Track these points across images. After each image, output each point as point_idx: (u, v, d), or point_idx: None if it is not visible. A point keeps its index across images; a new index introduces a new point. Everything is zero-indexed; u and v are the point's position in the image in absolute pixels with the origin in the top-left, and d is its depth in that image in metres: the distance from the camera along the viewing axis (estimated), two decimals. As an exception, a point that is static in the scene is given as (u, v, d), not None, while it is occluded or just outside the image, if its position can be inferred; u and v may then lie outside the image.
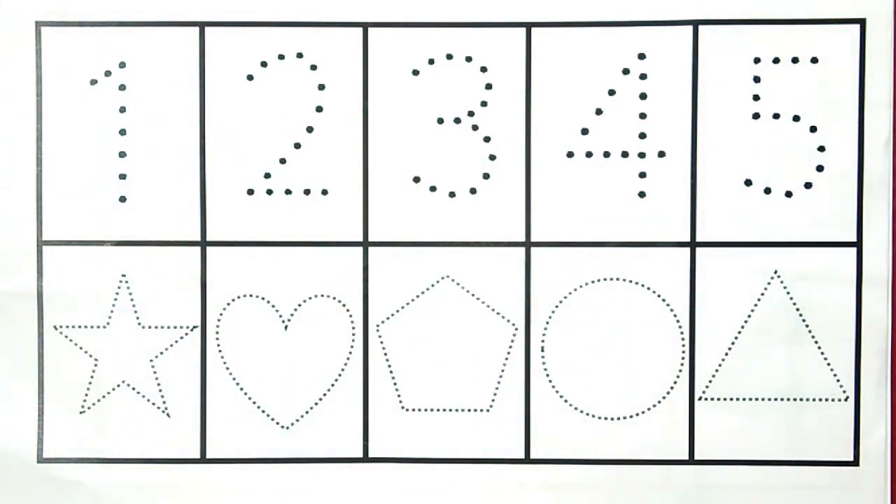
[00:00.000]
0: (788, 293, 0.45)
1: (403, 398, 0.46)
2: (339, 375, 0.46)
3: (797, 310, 0.45)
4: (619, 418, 0.46)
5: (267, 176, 0.46)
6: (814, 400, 0.45)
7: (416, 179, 0.46)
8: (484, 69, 0.45)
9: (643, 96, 0.45)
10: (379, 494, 0.46)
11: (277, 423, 0.46)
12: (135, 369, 0.46)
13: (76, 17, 0.45)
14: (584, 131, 0.45)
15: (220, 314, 0.46)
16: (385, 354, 0.46)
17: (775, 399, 0.45)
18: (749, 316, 0.45)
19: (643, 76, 0.45)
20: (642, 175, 0.45)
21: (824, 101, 0.45)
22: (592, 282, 0.45)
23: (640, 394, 0.45)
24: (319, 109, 0.46)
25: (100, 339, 0.46)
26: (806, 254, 0.45)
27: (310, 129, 0.46)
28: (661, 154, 0.45)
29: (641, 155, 0.45)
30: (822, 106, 0.45)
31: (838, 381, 0.45)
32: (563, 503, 0.45)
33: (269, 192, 0.46)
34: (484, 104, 0.45)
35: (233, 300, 0.46)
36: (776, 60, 0.45)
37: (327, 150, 0.46)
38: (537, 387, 0.46)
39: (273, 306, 0.46)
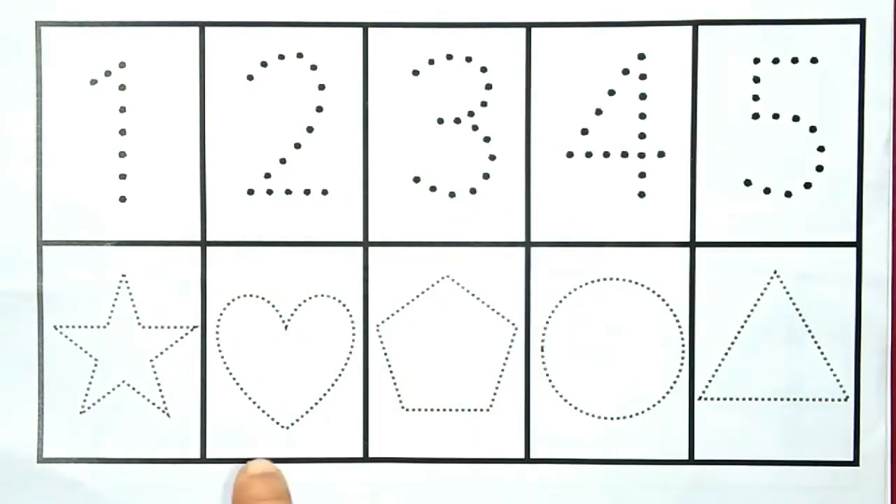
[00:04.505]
0: (788, 293, 0.45)
1: (403, 398, 0.46)
2: (339, 375, 0.46)
3: (797, 310, 0.45)
4: (619, 418, 0.46)
5: (267, 176, 0.46)
6: (813, 400, 0.45)
7: (416, 179, 0.46)
8: (484, 69, 0.45)
9: (643, 96, 0.45)
10: (379, 494, 0.46)
11: (277, 423, 0.46)
12: (135, 369, 0.46)
13: (76, 17, 0.45)
14: (584, 131, 0.45)
15: (220, 314, 0.46)
16: (385, 354, 0.46)
17: (775, 399, 0.45)
18: (749, 316, 0.45)
19: (643, 76, 0.45)
20: (642, 175, 0.45)
21: (824, 101, 0.45)
22: (592, 282, 0.45)
23: (640, 394, 0.45)
24: (319, 109, 0.46)
25: (100, 339, 0.46)
26: (806, 254, 0.45)
27: (310, 129, 0.46)
28: (661, 154, 0.45)
29: (641, 155, 0.45)
30: (822, 106, 0.45)
31: (838, 381, 0.45)
32: (563, 503, 0.45)
33: (270, 192, 0.46)
34: (484, 104, 0.45)
35: (233, 300, 0.46)
36: (776, 60, 0.45)
37: (327, 150, 0.46)
38: (537, 387, 0.46)
39: (273, 306, 0.46)
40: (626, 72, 0.45)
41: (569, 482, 0.45)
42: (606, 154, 0.45)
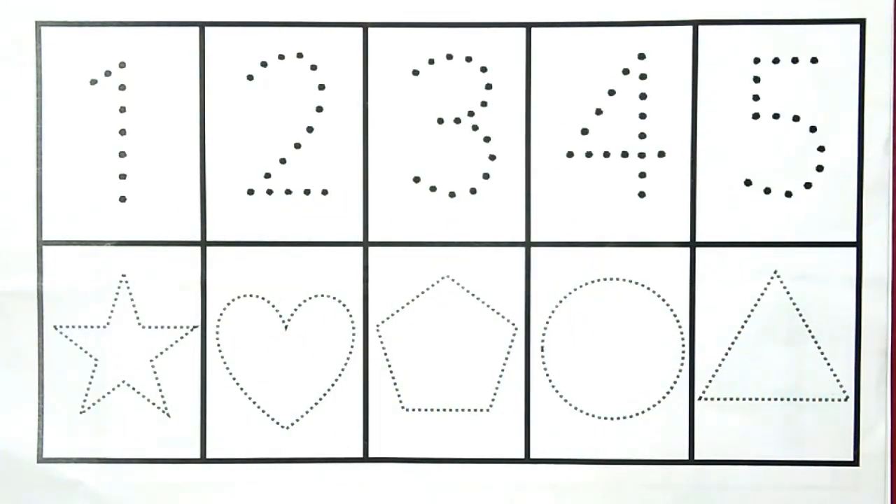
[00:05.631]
0: (788, 293, 0.45)
1: (403, 398, 0.46)
2: (339, 375, 0.46)
3: (797, 310, 0.45)
4: (619, 418, 0.46)
5: (267, 176, 0.46)
6: (814, 400, 0.45)
7: (416, 179, 0.46)
8: (484, 69, 0.45)
9: (643, 96, 0.45)
10: (379, 494, 0.46)
11: (277, 423, 0.46)
12: (135, 369, 0.46)
13: (76, 17, 0.45)
14: (584, 131, 0.45)
15: (220, 314, 0.46)
16: (385, 354, 0.46)
17: (775, 399, 0.45)
18: (749, 316, 0.45)
19: (643, 76, 0.45)
20: (642, 175, 0.45)
21: (824, 101, 0.45)
22: (592, 282, 0.45)
23: (640, 394, 0.45)
24: (319, 109, 0.46)
25: (100, 339, 0.46)
26: (806, 254, 0.45)
27: (310, 129, 0.46)
28: (661, 154, 0.45)
29: (641, 155, 0.45)
30: (822, 106, 0.45)
31: (838, 381, 0.45)
32: (563, 503, 0.45)
33: (269, 192, 0.46)
34: (484, 104, 0.45)
35: (233, 300, 0.46)
36: (776, 60, 0.45)
37: (327, 150, 0.46)
38: (537, 387, 0.46)
39: (273, 306, 0.46)
40: (626, 72, 0.45)
41: (569, 482, 0.45)
42: (606, 154, 0.45)
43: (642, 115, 0.45)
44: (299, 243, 0.46)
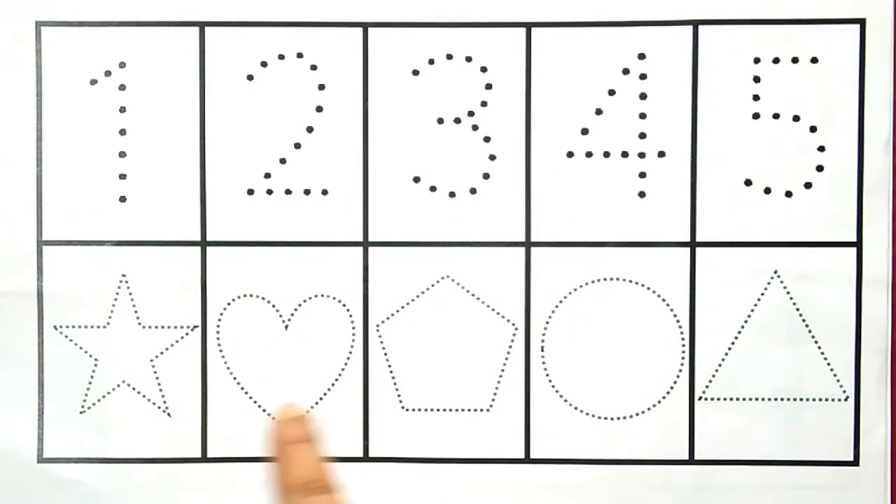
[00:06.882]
0: (788, 293, 0.45)
1: (403, 398, 0.46)
2: (339, 375, 0.46)
3: (797, 310, 0.45)
4: (619, 418, 0.46)
5: (267, 176, 0.46)
6: (814, 400, 0.45)
7: (416, 179, 0.46)
8: (484, 69, 0.45)
9: (643, 96, 0.45)
10: (379, 494, 0.46)
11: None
12: (135, 369, 0.46)
13: (76, 17, 0.45)
14: (584, 131, 0.45)
15: (220, 314, 0.46)
16: (385, 354, 0.46)
17: (775, 399, 0.45)
18: (749, 316, 0.45)
19: (643, 76, 0.45)
20: (642, 175, 0.45)
21: (824, 101, 0.45)
22: (592, 282, 0.45)
23: (640, 394, 0.45)
24: (319, 109, 0.46)
25: (100, 339, 0.46)
26: (806, 254, 0.45)
27: (310, 129, 0.46)
28: (661, 154, 0.45)
29: (641, 155, 0.45)
30: (822, 106, 0.45)
31: (838, 381, 0.45)
32: (563, 503, 0.46)
33: (269, 192, 0.46)
34: (484, 104, 0.45)
35: (233, 300, 0.46)
36: (776, 60, 0.45)
37: (327, 150, 0.46)
38: (537, 387, 0.46)
39: (273, 306, 0.46)
40: (626, 72, 0.45)
41: (569, 482, 0.45)
42: (606, 154, 0.45)
43: (642, 115, 0.45)
44: (299, 243, 0.46)
